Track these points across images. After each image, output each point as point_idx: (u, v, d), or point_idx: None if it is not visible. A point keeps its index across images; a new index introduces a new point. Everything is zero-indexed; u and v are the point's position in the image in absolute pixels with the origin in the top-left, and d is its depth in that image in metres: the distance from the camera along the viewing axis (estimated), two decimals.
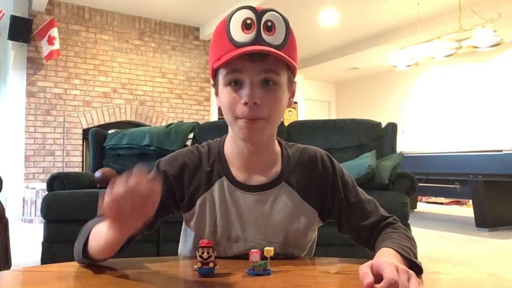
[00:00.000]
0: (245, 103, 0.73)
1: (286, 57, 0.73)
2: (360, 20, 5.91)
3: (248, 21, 0.72)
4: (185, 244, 0.92)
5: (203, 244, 0.67)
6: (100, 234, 0.68)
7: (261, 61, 0.72)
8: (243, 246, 0.82)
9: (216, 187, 0.83)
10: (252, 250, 0.66)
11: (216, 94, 0.80)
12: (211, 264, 0.66)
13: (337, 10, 5.63)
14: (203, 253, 0.66)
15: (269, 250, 0.66)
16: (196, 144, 0.89)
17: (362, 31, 6.37)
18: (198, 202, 0.83)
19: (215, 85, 0.81)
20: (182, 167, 0.84)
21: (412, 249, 0.73)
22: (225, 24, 0.74)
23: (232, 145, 0.84)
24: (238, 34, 0.73)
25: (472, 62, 6.81)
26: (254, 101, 0.72)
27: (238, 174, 0.83)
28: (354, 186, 0.87)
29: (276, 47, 0.72)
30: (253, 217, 0.82)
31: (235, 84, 0.74)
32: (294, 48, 0.77)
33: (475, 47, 4.42)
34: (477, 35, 4.29)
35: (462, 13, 4.44)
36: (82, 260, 0.73)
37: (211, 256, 0.66)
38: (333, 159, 0.88)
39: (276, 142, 0.87)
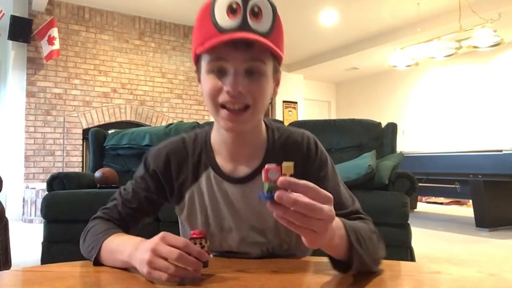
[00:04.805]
0: (228, 92, 0.70)
1: (273, 46, 0.69)
2: (360, 20, 5.91)
3: (234, 6, 0.68)
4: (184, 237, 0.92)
5: (195, 235, 0.64)
6: (115, 255, 0.70)
7: (246, 49, 0.68)
8: (236, 236, 0.82)
9: (203, 179, 0.82)
10: (269, 166, 0.52)
11: (199, 80, 0.77)
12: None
13: (337, 10, 5.63)
14: (195, 244, 0.63)
15: (290, 166, 0.53)
16: (183, 134, 0.88)
17: (362, 31, 6.37)
18: (187, 195, 0.83)
19: (198, 71, 0.77)
20: (167, 160, 0.83)
21: (363, 237, 0.65)
22: (210, 7, 0.70)
23: (217, 134, 0.82)
24: (222, 19, 0.68)
25: (472, 62, 6.81)
26: (238, 90, 0.69)
27: (224, 164, 0.81)
28: (335, 176, 0.83)
29: (262, 34, 0.69)
30: (242, 207, 0.81)
31: (219, 72, 0.71)
32: (281, 36, 0.74)
33: (475, 47, 4.42)
34: (477, 35, 4.29)
35: (462, 13, 4.44)
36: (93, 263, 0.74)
37: (204, 247, 0.64)
38: (320, 145, 0.85)
39: (262, 129, 0.84)
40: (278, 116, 7.98)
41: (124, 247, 0.69)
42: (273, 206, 0.51)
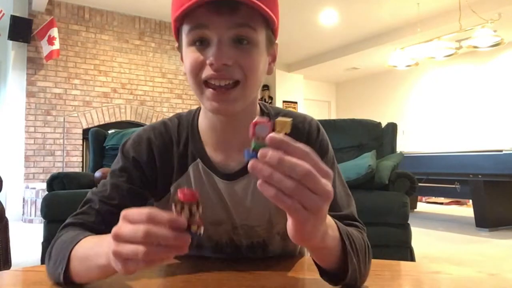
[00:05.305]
0: (211, 64, 0.59)
1: (262, 6, 0.58)
2: (360, 20, 5.91)
3: None
4: None
5: (182, 198, 0.45)
6: (89, 261, 0.54)
7: (231, 13, 0.58)
8: (224, 228, 0.75)
9: (190, 171, 0.72)
10: (258, 119, 0.41)
11: (182, 58, 0.66)
12: (194, 228, 0.45)
13: (337, 10, 5.63)
14: (182, 209, 0.44)
15: (285, 122, 0.41)
16: (164, 119, 0.77)
17: (362, 31, 6.37)
18: (172, 189, 0.73)
19: (179, 47, 0.66)
20: (149, 147, 0.73)
21: (356, 247, 0.56)
22: None
23: (204, 119, 0.72)
24: None
25: (472, 62, 6.81)
26: (222, 62, 0.58)
27: (213, 154, 0.72)
28: (332, 170, 0.70)
29: None
30: (234, 203, 0.73)
31: (201, 44, 0.61)
32: (274, 0, 0.63)
33: (475, 47, 4.42)
34: (477, 35, 4.29)
35: (462, 13, 4.44)
36: (63, 284, 0.58)
37: (193, 215, 0.44)
38: (322, 132, 0.75)
39: (257, 113, 0.74)
40: None
41: (100, 248, 0.52)
42: (256, 166, 0.39)
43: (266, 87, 7.91)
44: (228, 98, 0.61)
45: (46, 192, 2.50)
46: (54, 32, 5.03)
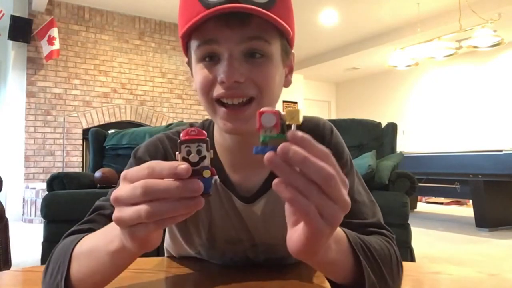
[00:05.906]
0: (222, 82, 0.55)
1: (275, 17, 0.54)
2: (360, 20, 5.91)
3: None
4: (174, 243, 0.78)
5: (187, 136, 0.38)
6: (98, 252, 0.48)
7: (242, 26, 0.54)
8: (241, 246, 0.71)
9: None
10: (263, 109, 0.37)
11: (192, 74, 0.63)
12: (207, 173, 0.38)
13: (337, 10, 5.63)
14: (189, 152, 0.37)
15: (295, 111, 0.37)
16: (177, 129, 0.72)
17: (362, 31, 6.37)
18: None
19: (189, 63, 0.63)
20: (165, 159, 0.67)
21: (374, 257, 0.52)
22: None
23: (219, 138, 0.68)
24: None
25: (472, 62, 6.81)
26: (234, 79, 0.55)
27: (231, 173, 0.68)
28: (351, 174, 0.67)
29: (261, 5, 0.53)
30: (253, 223, 0.69)
31: (210, 60, 0.57)
32: (288, 8, 0.59)
33: (475, 47, 4.42)
34: (477, 35, 4.29)
35: (462, 13, 4.44)
36: None
37: (204, 157, 0.37)
38: (336, 133, 0.71)
39: None
40: None
41: (111, 232, 0.45)
42: (274, 161, 0.35)
43: None
44: (242, 116, 0.57)
45: (46, 192, 2.50)
46: (54, 32, 5.03)
